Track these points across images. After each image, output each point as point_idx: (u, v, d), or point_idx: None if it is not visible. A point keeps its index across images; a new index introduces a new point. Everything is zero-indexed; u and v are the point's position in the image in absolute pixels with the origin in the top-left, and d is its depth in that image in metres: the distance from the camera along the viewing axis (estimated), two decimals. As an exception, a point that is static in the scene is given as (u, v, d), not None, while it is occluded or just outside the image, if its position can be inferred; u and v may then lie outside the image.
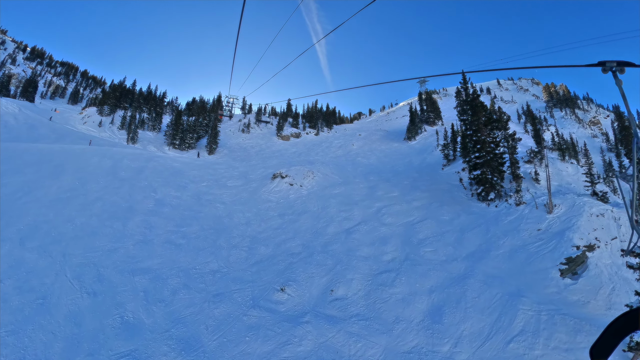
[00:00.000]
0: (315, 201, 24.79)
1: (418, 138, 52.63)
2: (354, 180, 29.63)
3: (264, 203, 25.12)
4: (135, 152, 37.02)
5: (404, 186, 27.63)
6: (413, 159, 39.02)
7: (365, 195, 25.67)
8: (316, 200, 24.91)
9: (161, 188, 26.33)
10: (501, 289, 14.58)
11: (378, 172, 33.74)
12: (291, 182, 27.73)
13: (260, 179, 30.57)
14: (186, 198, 25.13)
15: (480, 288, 14.67)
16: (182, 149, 51.77)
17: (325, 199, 25.14)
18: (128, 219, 20.30)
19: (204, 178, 30.73)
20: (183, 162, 35.16)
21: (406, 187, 27.28)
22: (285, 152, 53.07)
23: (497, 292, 14.40)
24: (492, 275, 15.71)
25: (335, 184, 28.12)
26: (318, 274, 14.47)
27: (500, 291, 14.46)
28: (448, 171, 30.47)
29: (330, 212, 22.57)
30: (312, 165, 31.48)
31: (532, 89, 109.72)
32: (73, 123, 64.55)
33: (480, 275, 15.54)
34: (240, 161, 46.23)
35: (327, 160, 41.15)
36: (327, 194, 25.96)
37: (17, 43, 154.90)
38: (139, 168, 31.26)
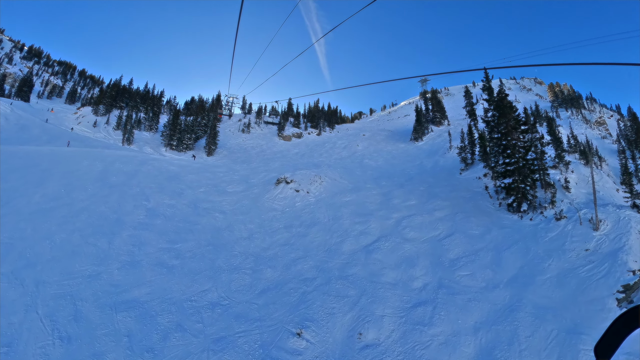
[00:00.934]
0: (325, 210, 22.04)
1: (425, 139, 49.94)
2: (365, 185, 26.89)
3: (267, 212, 22.35)
4: (128, 154, 34.14)
5: (421, 193, 24.91)
6: (424, 161, 36.31)
7: (380, 203, 22.94)
8: (326, 210, 22.16)
9: (154, 195, 23.51)
10: (556, 325, 11.94)
11: (389, 176, 31.00)
12: (297, 188, 24.97)
13: (262, 183, 27.79)
14: (182, 207, 22.33)
15: (533, 324, 12.03)
16: (180, 150, 48.88)
17: (335, 207, 22.39)
18: (115, 235, 17.50)
19: (202, 183, 27.92)
20: (180, 165, 32.33)
21: (423, 195, 24.56)
22: (287, 153, 50.28)
23: (552, 329, 11.76)
24: (542, 306, 13.06)
25: (345, 190, 25.37)
26: (340, 310, 11.73)
27: (556, 327, 11.82)
28: (467, 176, 27.77)
29: (343, 224, 19.83)
30: (318, 169, 28.72)
31: (536, 89, 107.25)
32: (67, 123, 61.55)
33: (530, 306, 12.91)
34: (240, 163, 43.41)
35: (332, 163, 38.38)
36: (337, 202, 23.21)
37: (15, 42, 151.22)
38: (132, 172, 28.42)
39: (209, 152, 48.82)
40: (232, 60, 10.35)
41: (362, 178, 29.33)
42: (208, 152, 48.85)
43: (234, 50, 9.25)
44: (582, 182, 26.34)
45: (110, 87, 69.52)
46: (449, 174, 29.64)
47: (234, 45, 8.85)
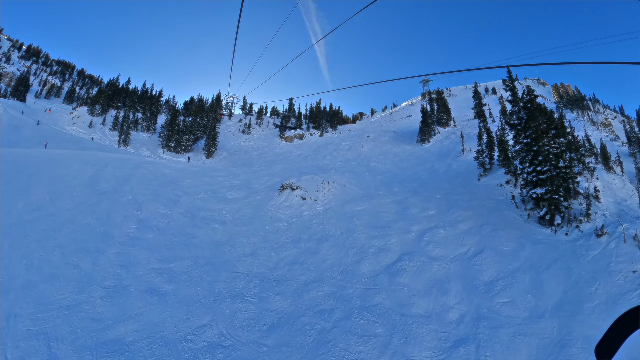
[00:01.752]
0: (336, 221, 19.85)
1: (432, 140, 47.81)
2: (376, 192, 24.70)
3: (272, 223, 20.14)
4: (122, 157, 31.86)
5: (439, 201, 22.77)
6: (435, 165, 34.16)
7: (397, 213, 20.77)
8: (337, 220, 19.97)
9: (147, 204, 21.26)
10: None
11: (400, 181, 28.85)
12: (303, 195, 22.77)
13: (265, 189, 25.56)
14: (177, 217, 20.09)
15: (589, 363, 9.97)
16: (178, 152, 46.59)
17: (347, 218, 20.20)
18: (100, 253, 15.28)
19: (200, 188, 25.67)
20: (176, 169, 30.06)
21: (442, 203, 22.40)
22: (289, 155, 48.05)
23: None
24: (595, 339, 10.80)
25: (356, 198, 23.18)
26: (369, 355, 9.52)
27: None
28: (487, 183, 25.65)
29: (358, 238, 17.63)
30: (326, 174, 26.50)
31: (539, 90, 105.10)
32: (62, 124, 59.12)
33: (581, 340, 10.83)
34: (241, 166, 41.17)
35: (338, 166, 36.19)
36: (349, 212, 21.02)
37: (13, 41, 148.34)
38: (125, 177, 26.16)
39: (208, 154, 46.54)
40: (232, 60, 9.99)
41: (373, 183, 27.13)
42: (207, 153, 46.59)
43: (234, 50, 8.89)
44: (607, 190, 24.28)
45: (107, 87, 67.13)
46: (466, 179, 27.49)
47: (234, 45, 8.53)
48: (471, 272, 14.50)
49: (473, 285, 13.61)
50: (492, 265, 15.03)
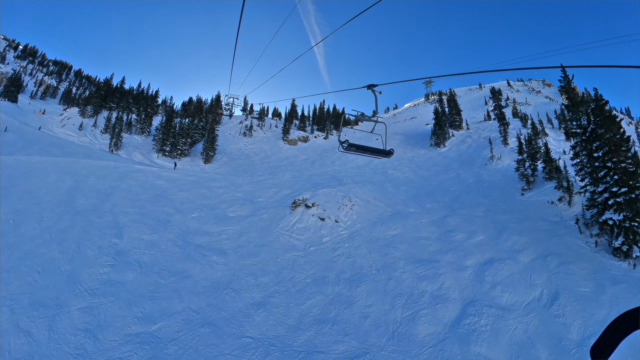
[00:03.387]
0: (367, 252, 15.48)
1: (448, 144, 43.57)
2: (406, 209, 20.36)
3: (285, 252, 15.73)
4: (108, 165, 27.29)
5: (483, 222, 18.52)
6: (461, 173, 29.86)
7: (440, 240, 16.44)
8: (368, 250, 15.59)
9: (130, 227, 16.80)
10: None
11: (428, 193, 24.53)
12: (321, 214, 18.38)
13: (273, 205, 21.14)
14: (166, 245, 15.63)
15: None
16: (174, 156, 41.98)
17: (381, 247, 15.84)
18: (61, 309, 10.90)
19: (196, 204, 21.21)
20: (169, 179, 25.55)
21: (488, 224, 18.15)
22: (294, 160, 43.58)
23: None
24: None
25: (385, 218, 18.82)
26: None
27: None
28: (533, 199, 21.45)
29: (402, 279, 13.27)
30: (344, 187, 22.06)
31: (544, 91, 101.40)
32: (50, 126, 54.28)
33: None
34: (243, 173, 36.66)
35: (352, 174, 31.78)
36: (380, 238, 16.65)
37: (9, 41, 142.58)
38: (107, 190, 21.67)
39: (207, 159, 42.02)
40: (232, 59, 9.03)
41: (399, 197, 22.79)
42: (205, 158, 42.08)
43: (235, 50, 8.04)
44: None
45: (100, 86, 62.40)
46: (505, 193, 23.22)
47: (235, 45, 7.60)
48: (555, 328, 10.36)
49: (562, 348, 9.50)
50: (576, 315, 10.90)
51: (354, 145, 5.96)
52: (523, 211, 20.26)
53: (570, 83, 20.86)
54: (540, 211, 19.90)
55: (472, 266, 14.31)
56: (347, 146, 6.02)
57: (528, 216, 19.39)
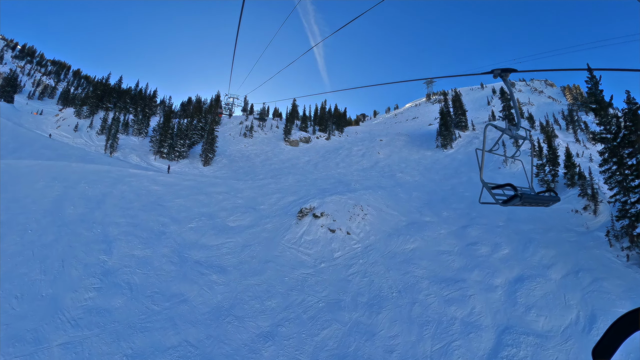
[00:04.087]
0: (385, 269, 13.82)
1: (455, 146, 41.91)
2: (422, 218, 18.71)
3: (292, 270, 14.05)
4: (100, 169, 25.52)
5: (506, 232, 16.93)
6: (473, 177, 28.19)
7: (463, 254, 14.82)
8: (386, 267, 13.93)
9: (121, 241, 15.09)
10: None
11: (442, 199, 22.86)
12: (331, 225, 16.69)
13: (278, 213, 19.46)
14: (160, 262, 13.93)
15: None
16: (171, 158, 40.18)
17: (400, 264, 14.18)
18: (39, 346, 9.26)
19: (194, 212, 19.51)
20: (165, 184, 23.83)
21: (511, 236, 16.56)
22: (296, 161, 41.85)
23: None
24: None
25: (401, 229, 17.16)
26: None
27: None
28: (556, 206, 19.72)
29: (428, 303, 11.62)
30: (354, 194, 20.35)
31: (547, 91, 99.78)
32: (45, 127, 52.36)
33: None
34: (243, 176, 34.92)
35: (358, 177, 30.07)
36: (398, 252, 14.99)
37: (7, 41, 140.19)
38: (98, 197, 19.96)
39: (206, 161, 40.24)
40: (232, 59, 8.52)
41: (412, 204, 21.11)
42: (204, 160, 40.30)
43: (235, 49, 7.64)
44: None
45: (97, 86, 60.53)
46: None
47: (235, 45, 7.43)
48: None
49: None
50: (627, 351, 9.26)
51: (525, 197, 3.40)
52: (546, 220, 18.63)
53: (597, 85, 19.22)
54: (564, 221, 18.28)
55: (502, 285, 12.70)
56: (516, 201, 3.44)
57: (552, 226, 17.77)
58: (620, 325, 1.11)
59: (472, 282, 12.86)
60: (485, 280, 13.27)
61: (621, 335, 1.10)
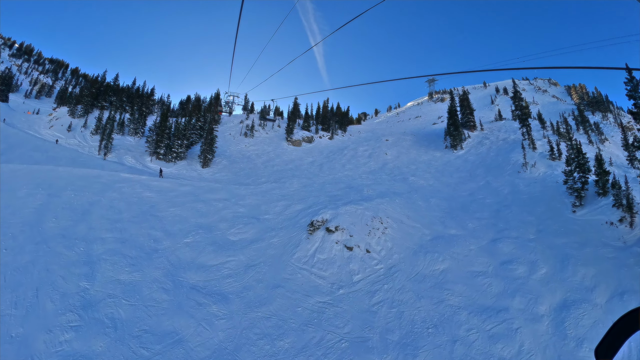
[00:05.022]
0: (415, 297, 11.68)
1: (465, 146, 39.74)
2: (446, 231, 16.59)
3: (306, 297, 11.88)
4: (90, 173, 23.25)
5: (539, 248, 15.04)
6: (491, 182, 26.02)
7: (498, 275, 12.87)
8: (415, 295, 11.80)
9: (105, 262, 12.88)
10: None
11: (463, 207, 20.75)
12: (347, 241, 14.51)
13: (285, 225, 17.27)
14: (150, 289, 11.72)
15: None
16: (168, 160, 37.86)
17: (430, 289, 12.07)
18: None
19: (190, 223, 17.30)
20: (160, 190, 21.58)
21: (546, 252, 14.64)
22: (300, 163, 39.62)
23: None
24: None
25: (425, 244, 15.02)
26: None
27: None
28: (588, 218, 17.78)
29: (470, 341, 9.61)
30: (370, 203, 18.12)
31: (551, 90, 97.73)
32: (37, 127, 49.91)
33: None
34: (245, 179, 32.67)
35: (368, 181, 27.86)
36: (427, 274, 12.86)
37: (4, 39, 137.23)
38: (84, 207, 17.71)
39: (205, 163, 37.93)
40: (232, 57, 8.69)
41: (433, 214, 18.96)
42: (203, 162, 38.00)
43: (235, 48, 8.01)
44: None
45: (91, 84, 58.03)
46: (551, 209, 19.48)
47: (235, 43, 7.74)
48: None
49: None
50: None
51: None
52: (580, 233, 16.54)
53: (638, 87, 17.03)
54: (599, 234, 16.19)
55: (547, 314, 10.78)
56: None
57: (587, 240, 15.69)
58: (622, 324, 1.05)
59: (515, 311, 10.83)
60: (529, 308, 11.24)
61: (623, 335, 1.04)
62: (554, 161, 28.33)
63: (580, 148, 21.53)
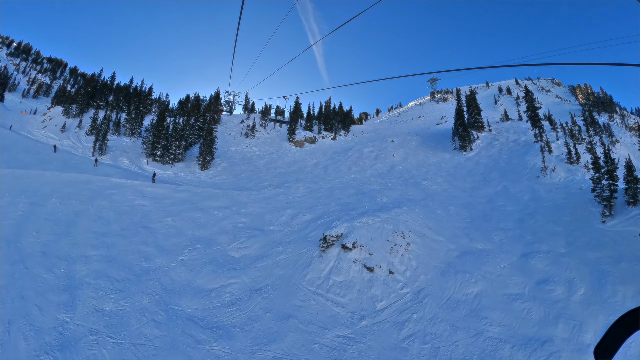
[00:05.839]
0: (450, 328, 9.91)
1: (475, 148, 37.93)
2: (472, 244, 14.80)
3: (323, 331, 10.03)
4: (79, 178, 21.32)
5: (571, 263, 13.58)
6: (508, 187, 24.18)
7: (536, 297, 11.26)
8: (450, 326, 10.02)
9: (88, 287, 11.01)
10: None
11: (484, 216, 18.94)
12: (367, 260, 12.67)
13: (293, 238, 15.40)
14: (139, 322, 9.84)
15: None
16: (165, 162, 35.86)
17: (465, 318, 10.30)
18: None
19: (186, 237, 15.42)
20: (154, 196, 19.68)
21: (580, 269, 13.17)
22: (304, 165, 37.71)
23: None
24: None
25: (453, 262, 13.21)
26: None
27: None
28: (619, 229, 16.07)
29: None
30: (387, 214, 16.22)
31: (554, 90, 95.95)
32: (30, 128, 47.78)
33: None
34: (246, 182, 30.76)
35: (379, 185, 25.98)
36: (459, 299, 11.07)
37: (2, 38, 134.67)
38: (70, 218, 15.83)
39: (204, 165, 35.97)
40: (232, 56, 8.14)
41: (455, 224, 17.15)
42: (202, 164, 36.05)
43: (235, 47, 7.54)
44: None
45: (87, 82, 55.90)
46: (578, 218, 17.70)
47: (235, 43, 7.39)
48: None
49: None
50: None
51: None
52: (612, 246, 14.79)
53: None
54: (632, 247, 14.43)
55: (593, 342, 9.17)
56: None
57: (621, 254, 13.93)
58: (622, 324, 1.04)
59: (560, 341, 9.22)
60: (574, 337, 9.62)
61: (622, 335, 1.04)
62: (572, 165, 26.57)
63: (609, 153, 19.73)
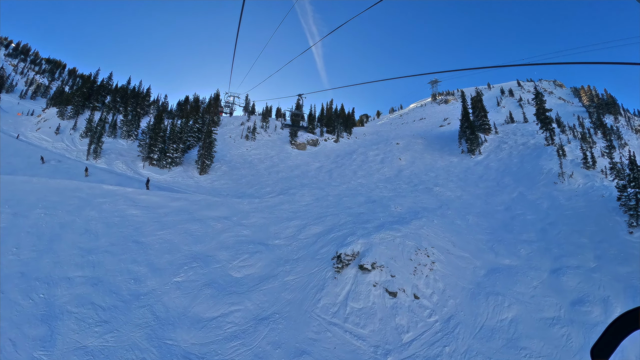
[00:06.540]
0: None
1: (483, 151, 36.47)
2: (498, 260, 13.35)
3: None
4: (68, 185, 19.69)
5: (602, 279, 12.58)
6: (525, 193, 22.68)
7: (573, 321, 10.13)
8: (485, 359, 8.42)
9: (70, 316, 9.43)
10: None
11: (504, 226, 17.46)
12: (389, 283, 11.11)
13: (302, 255, 13.83)
14: (127, 363, 8.24)
15: None
16: (163, 166, 34.21)
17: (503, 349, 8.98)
18: None
19: (182, 252, 13.83)
20: (148, 205, 18.08)
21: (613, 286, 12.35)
22: (306, 168, 36.15)
23: None
24: None
25: (483, 282, 11.71)
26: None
27: None
28: (649, 242, 14.56)
29: None
30: (407, 227, 14.62)
31: (557, 92, 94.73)
32: (24, 129, 46.04)
33: None
34: (247, 189, 29.15)
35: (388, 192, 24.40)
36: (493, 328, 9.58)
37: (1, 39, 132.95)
38: (54, 231, 14.23)
39: (202, 169, 34.36)
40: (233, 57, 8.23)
41: (477, 237, 15.61)
42: (201, 168, 34.44)
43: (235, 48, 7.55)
44: None
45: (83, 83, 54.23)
46: (602, 228, 16.27)
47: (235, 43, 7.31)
48: None
49: None
50: None
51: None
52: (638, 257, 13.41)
53: None
54: None
55: None
56: None
57: None
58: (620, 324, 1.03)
59: None
60: None
61: (620, 335, 1.03)
62: (588, 170, 25.16)
63: (635, 159, 18.26)
